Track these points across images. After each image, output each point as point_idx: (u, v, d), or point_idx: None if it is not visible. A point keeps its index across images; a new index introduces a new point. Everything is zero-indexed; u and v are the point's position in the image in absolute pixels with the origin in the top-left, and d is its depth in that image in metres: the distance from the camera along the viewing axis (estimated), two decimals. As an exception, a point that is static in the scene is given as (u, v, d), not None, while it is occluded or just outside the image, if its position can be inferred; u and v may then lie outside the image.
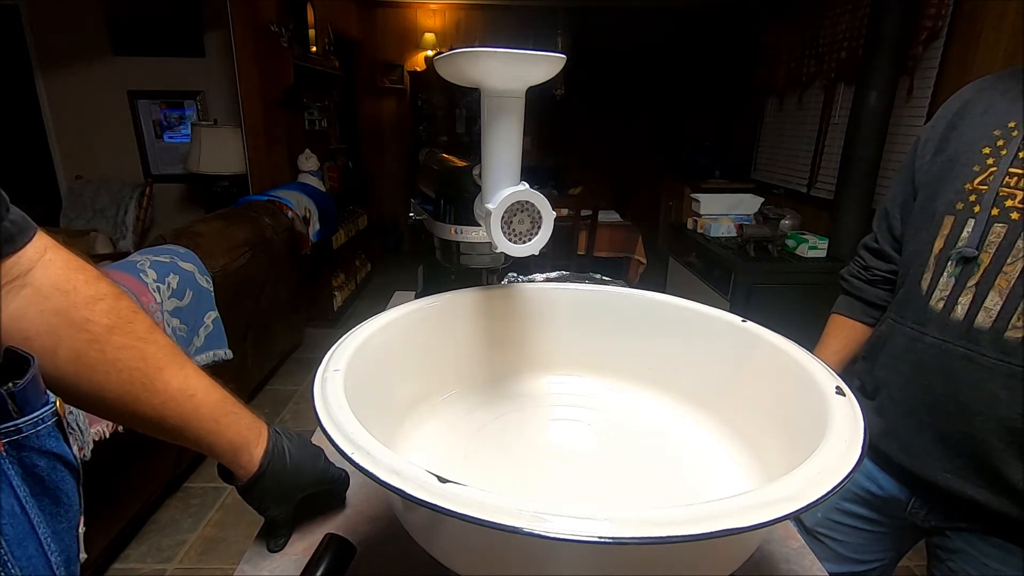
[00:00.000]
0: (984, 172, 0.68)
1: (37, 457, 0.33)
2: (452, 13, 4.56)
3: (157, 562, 1.64)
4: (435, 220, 0.74)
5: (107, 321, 0.40)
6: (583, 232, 2.90)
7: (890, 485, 0.80)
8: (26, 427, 0.32)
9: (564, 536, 0.29)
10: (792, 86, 3.33)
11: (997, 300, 0.65)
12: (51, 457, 0.34)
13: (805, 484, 0.34)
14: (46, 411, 0.33)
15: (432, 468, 0.34)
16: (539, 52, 0.51)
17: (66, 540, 0.35)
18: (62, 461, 0.34)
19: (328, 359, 0.49)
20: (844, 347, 0.91)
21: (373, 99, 4.74)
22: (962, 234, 0.69)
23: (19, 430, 0.32)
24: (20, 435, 0.32)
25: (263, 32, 2.83)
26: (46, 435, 0.33)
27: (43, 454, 0.33)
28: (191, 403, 0.45)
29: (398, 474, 0.33)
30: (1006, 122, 0.69)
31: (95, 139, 3.33)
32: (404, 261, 4.84)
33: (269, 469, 0.50)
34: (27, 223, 0.37)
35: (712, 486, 0.55)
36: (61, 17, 3.10)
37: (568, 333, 0.73)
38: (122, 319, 0.42)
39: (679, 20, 4.43)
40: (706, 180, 3.85)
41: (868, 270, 0.90)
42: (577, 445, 0.64)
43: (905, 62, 2.33)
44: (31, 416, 0.32)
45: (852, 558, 0.87)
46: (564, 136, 4.80)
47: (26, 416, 0.32)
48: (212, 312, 1.90)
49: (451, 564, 0.42)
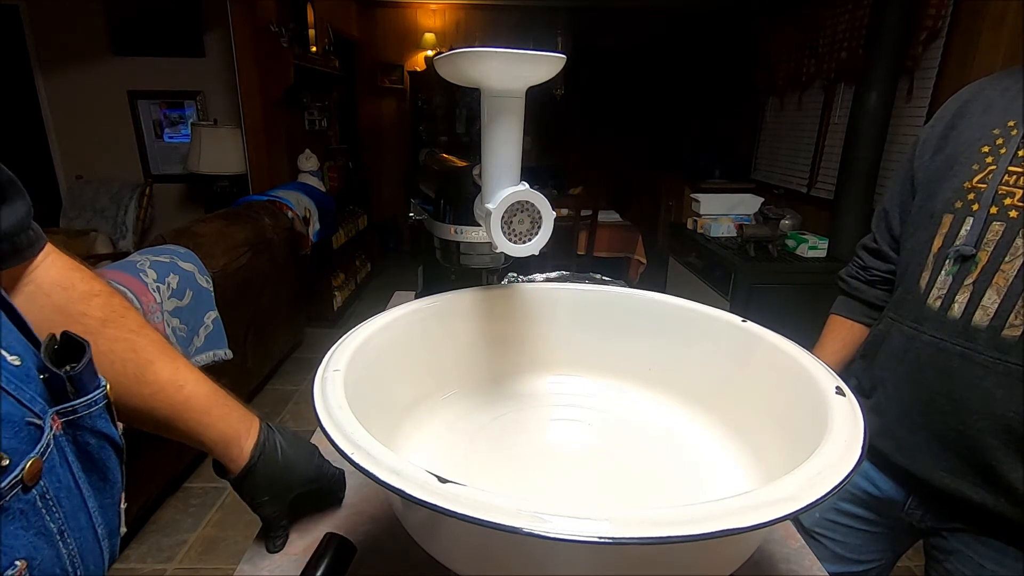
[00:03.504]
0: (983, 171, 0.68)
1: (89, 436, 0.35)
2: (452, 13, 4.56)
3: (157, 562, 1.64)
4: (435, 220, 0.74)
5: (101, 315, 0.43)
6: (583, 232, 2.90)
7: (887, 486, 0.80)
8: (80, 408, 0.34)
9: (564, 536, 0.29)
10: (792, 86, 3.33)
11: (995, 298, 0.65)
12: (100, 437, 0.36)
13: (805, 484, 0.34)
14: (98, 394, 0.35)
15: (432, 468, 0.34)
16: (539, 52, 0.51)
17: (110, 514, 0.37)
18: (110, 441, 0.37)
19: (328, 359, 0.49)
20: (842, 348, 0.91)
21: (373, 99, 4.74)
22: (960, 232, 0.69)
23: (74, 410, 0.33)
24: (75, 415, 0.34)
25: (263, 32, 2.83)
26: (97, 416, 0.35)
27: (94, 433, 0.35)
28: (181, 394, 0.46)
29: (398, 474, 0.33)
30: (1005, 121, 0.69)
31: (95, 139, 3.33)
32: (404, 261, 4.84)
33: (260, 463, 0.51)
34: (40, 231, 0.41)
35: (712, 486, 0.55)
36: (61, 17, 3.10)
37: (568, 333, 0.73)
38: (115, 314, 0.44)
39: (679, 20, 4.43)
40: (706, 180, 3.85)
41: (867, 270, 0.90)
42: (577, 445, 0.64)
43: (905, 62, 2.33)
44: (86, 398, 0.34)
45: (849, 558, 0.87)
46: (564, 136, 4.80)
47: (81, 398, 0.34)
48: (212, 312, 1.90)
49: (451, 564, 0.42)
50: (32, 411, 0.31)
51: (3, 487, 0.28)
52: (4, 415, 0.29)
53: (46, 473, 0.30)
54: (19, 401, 0.30)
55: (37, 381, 0.32)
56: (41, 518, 0.30)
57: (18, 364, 0.31)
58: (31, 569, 0.29)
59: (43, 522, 0.30)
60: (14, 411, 0.29)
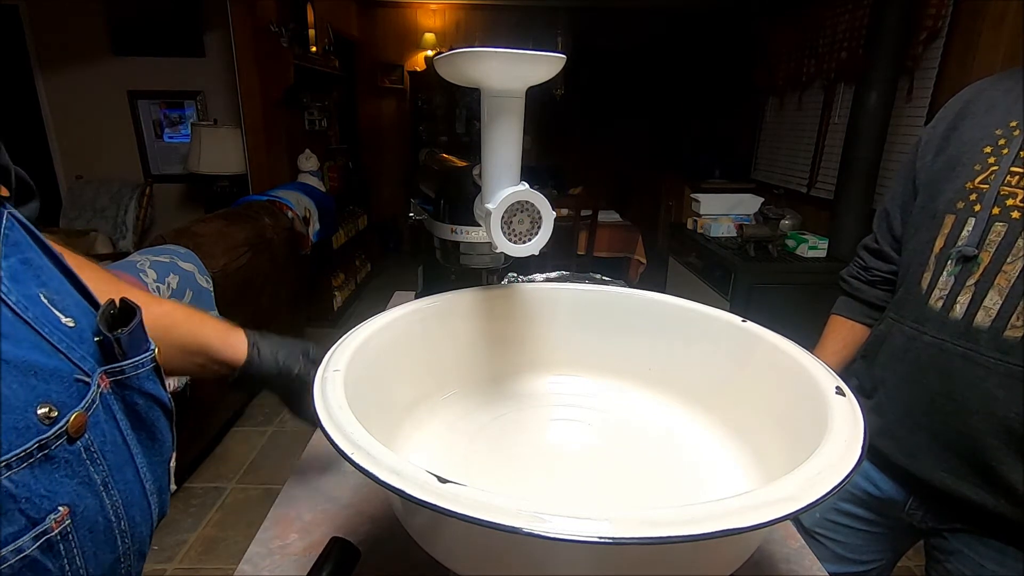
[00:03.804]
0: (985, 171, 0.68)
1: (137, 396, 0.37)
2: (452, 13, 4.56)
3: (157, 562, 1.64)
4: (435, 220, 0.74)
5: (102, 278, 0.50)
6: (583, 232, 2.90)
7: (888, 486, 0.80)
8: (128, 369, 0.36)
9: (563, 536, 0.29)
10: (792, 86, 3.33)
11: (996, 299, 0.65)
12: (148, 397, 0.38)
13: (805, 484, 0.34)
14: (146, 357, 0.38)
15: (432, 468, 0.34)
16: (539, 52, 0.51)
17: (159, 472, 0.40)
18: (157, 402, 0.39)
19: (328, 359, 0.49)
20: (843, 348, 0.91)
21: (373, 99, 4.74)
22: (962, 233, 0.69)
23: (122, 371, 0.36)
24: (123, 375, 0.36)
25: (263, 32, 2.83)
26: (145, 378, 0.38)
27: (142, 394, 0.38)
28: (174, 316, 0.55)
29: (398, 474, 0.33)
30: (1008, 121, 0.68)
31: (95, 139, 3.33)
32: (404, 261, 4.84)
33: (260, 336, 0.58)
34: None
35: (712, 486, 0.55)
36: (61, 17, 3.10)
37: (568, 333, 0.72)
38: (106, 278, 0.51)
39: (679, 20, 4.43)
40: (706, 180, 3.85)
41: (868, 271, 0.90)
42: (577, 445, 0.64)
43: (905, 62, 2.33)
44: (133, 359, 0.37)
45: (850, 558, 0.87)
46: (564, 136, 4.80)
47: (129, 359, 0.36)
48: (212, 312, 1.90)
49: (451, 564, 0.42)
50: (81, 369, 0.33)
51: (49, 437, 0.30)
52: (54, 371, 0.31)
53: (91, 427, 0.33)
54: (69, 359, 0.32)
55: (90, 342, 0.35)
56: (85, 468, 0.32)
57: (72, 326, 0.34)
58: (73, 515, 0.31)
59: (87, 472, 0.32)
60: (64, 368, 0.32)
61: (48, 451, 0.30)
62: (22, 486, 0.28)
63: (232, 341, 0.57)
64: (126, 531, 0.35)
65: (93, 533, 0.32)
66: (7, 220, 0.33)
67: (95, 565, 0.33)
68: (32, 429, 0.29)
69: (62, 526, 0.30)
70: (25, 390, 0.29)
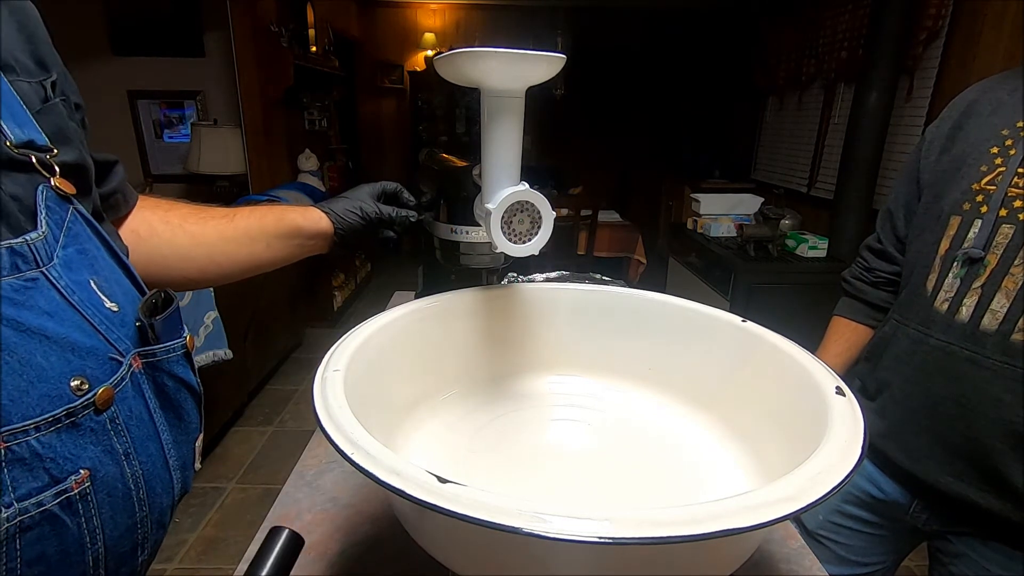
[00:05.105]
0: (992, 172, 0.68)
1: (167, 378, 0.41)
2: (452, 13, 4.56)
3: (157, 562, 1.63)
4: (435, 220, 0.74)
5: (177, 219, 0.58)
6: (583, 232, 2.90)
7: (891, 489, 0.80)
8: (160, 353, 0.40)
9: (563, 536, 0.29)
10: (792, 86, 3.33)
11: (1004, 302, 0.64)
12: (177, 381, 0.41)
13: (805, 484, 0.34)
14: (177, 343, 0.41)
15: (432, 468, 0.34)
16: (539, 52, 0.51)
17: (184, 450, 0.43)
18: (186, 385, 0.42)
19: (328, 359, 0.49)
20: (846, 350, 0.91)
21: (373, 99, 4.74)
22: (968, 235, 0.68)
23: (154, 354, 0.39)
24: (155, 358, 0.39)
25: (263, 32, 2.83)
26: (175, 362, 0.41)
27: (172, 377, 0.41)
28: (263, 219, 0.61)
29: (398, 474, 0.33)
30: (1014, 122, 0.68)
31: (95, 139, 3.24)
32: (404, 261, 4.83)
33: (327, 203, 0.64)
34: (131, 192, 0.55)
35: (712, 486, 0.55)
36: (61, 17, 3.09)
37: (568, 333, 0.72)
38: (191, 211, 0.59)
39: (679, 20, 4.43)
40: (706, 180, 3.85)
41: (871, 271, 0.89)
42: (577, 445, 0.64)
43: (905, 62, 2.33)
44: (165, 345, 0.40)
45: (853, 560, 0.87)
46: (564, 136, 4.80)
47: (162, 344, 0.40)
48: (212, 312, 1.90)
49: (451, 564, 0.42)
50: (116, 349, 0.36)
51: (77, 406, 0.33)
52: (91, 349, 0.34)
53: (118, 401, 0.36)
54: (107, 339, 0.36)
55: (130, 326, 0.38)
56: (109, 438, 0.35)
57: (115, 310, 0.37)
58: (93, 479, 0.34)
59: (111, 442, 0.35)
60: (100, 346, 0.35)
61: (75, 419, 0.33)
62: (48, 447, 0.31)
63: (314, 217, 0.62)
64: (144, 500, 0.38)
65: (112, 497, 0.35)
66: (72, 215, 0.37)
67: (112, 527, 0.35)
68: (63, 398, 0.32)
69: (82, 487, 0.33)
70: (62, 363, 0.32)
